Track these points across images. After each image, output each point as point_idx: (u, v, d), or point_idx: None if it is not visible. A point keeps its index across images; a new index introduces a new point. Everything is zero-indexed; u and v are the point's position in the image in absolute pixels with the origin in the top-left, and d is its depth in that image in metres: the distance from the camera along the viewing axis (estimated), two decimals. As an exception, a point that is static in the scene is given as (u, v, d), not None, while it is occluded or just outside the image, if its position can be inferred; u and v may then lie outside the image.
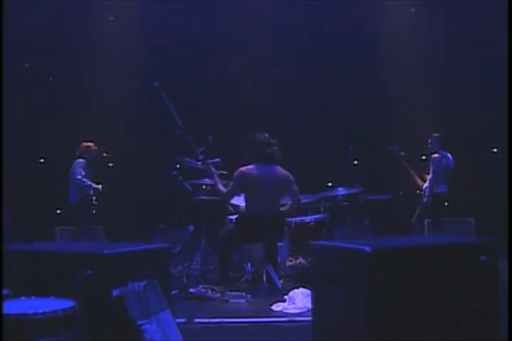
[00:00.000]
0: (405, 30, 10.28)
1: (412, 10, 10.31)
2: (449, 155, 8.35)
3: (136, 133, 10.23)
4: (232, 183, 6.80)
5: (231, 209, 7.41)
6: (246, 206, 6.89)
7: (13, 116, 8.81)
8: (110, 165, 9.94)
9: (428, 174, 8.31)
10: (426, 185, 8.31)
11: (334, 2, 9.96)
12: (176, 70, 10.22)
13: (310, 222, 7.75)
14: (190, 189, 7.56)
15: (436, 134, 8.41)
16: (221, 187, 6.91)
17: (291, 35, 10.23)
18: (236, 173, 6.77)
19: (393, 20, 10.31)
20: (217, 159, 7.32)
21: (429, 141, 8.41)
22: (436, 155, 8.27)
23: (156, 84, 7.30)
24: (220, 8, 10.10)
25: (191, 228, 7.87)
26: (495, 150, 10.12)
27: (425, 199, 8.25)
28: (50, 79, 10.26)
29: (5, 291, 3.74)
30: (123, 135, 10.02)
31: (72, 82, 10.13)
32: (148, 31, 10.23)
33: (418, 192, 8.45)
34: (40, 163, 10.05)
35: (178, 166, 8.65)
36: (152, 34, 10.23)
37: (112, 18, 10.22)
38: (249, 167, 6.80)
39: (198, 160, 7.28)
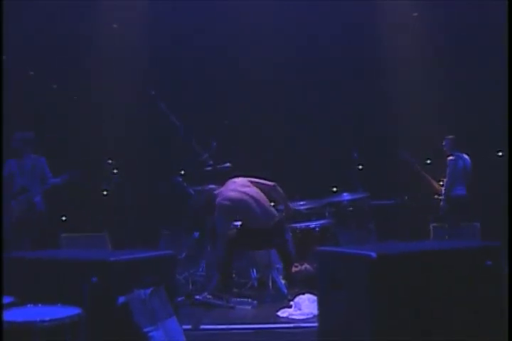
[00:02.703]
0: (407, 34, 10.27)
1: (415, 14, 10.29)
2: (466, 156, 8.30)
3: (141, 140, 10.23)
4: (219, 220, 6.72)
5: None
6: (245, 221, 6.89)
7: (15, 123, 8.82)
8: (114, 171, 9.94)
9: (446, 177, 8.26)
10: (443, 188, 8.25)
11: (335, 2, 9.95)
12: (179, 75, 10.23)
13: (315, 227, 7.75)
14: (194, 195, 7.57)
15: (450, 136, 8.36)
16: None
17: (292, 36, 10.21)
18: (216, 210, 6.70)
19: (394, 23, 10.29)
20: (228, 164, 7.33)
21: (444, 143, 8.36)
22: (451, 157, 8.22)
23: (153, 92, 7.32)
24: (222, 11, 10.09)
25: (196, 234, 7.87)
26: (500, 153, 10.09)
27: (442, 203, 8.18)
28: (54, 86, 10.27)
29: (11, 299, 3.75)
30: (127, 141, 10.03)
31: (76, 89, 10.13)
32: (151, 36, 10.23)
33: (436, 196, 8.39)
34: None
35: (182, 172, 8.67)
36: (155, 40, 10.24)
37: (115, 26, 10.24)
38: (223, 196, 6.75)
39: (208, 166, 7.29)
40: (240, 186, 6.86)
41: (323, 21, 10.11)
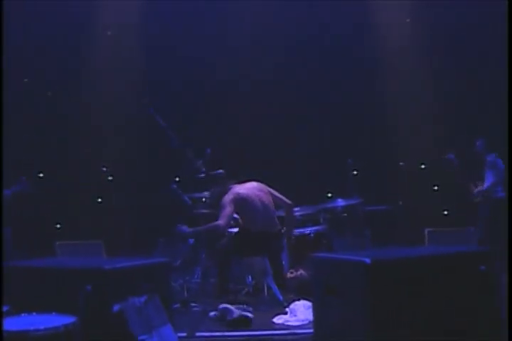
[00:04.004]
0: (403, 41, 10.29)
1: (408, 20, 10.31)
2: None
3: (136, 147, 10.23)
4: (224, 207, 6.63)
5: (231, 222, 7.39)
6: (245, 223, 6.89)
7: (11, 130, 8.82)
8: (110, 178, 9.94)
9: (480, 180, 8.25)
10: (479, 189, 8.23)
11: (331, 12, 9.97)
12: (174, 82, 10.23)
13: (310, 233, 7.76)
14: (189, 202, 7.57)
15: (481, 138, 8.36)
16: (213, 224, 6.62)
17: (289, 47, 10.24)
18: (225, 198, 6.69)
19: (388, 31, 10.31)
20: (221, 170, 7.33)
21: (477, 143, 8.35)
22: (491, 158, 8.22)
23: (152, 111, 7.33)
24: (220, 20, 10.12)
25: (191, 241, 7.87)
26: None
27: (480, 205, 8.16)
28: (49, 93, 10.27)
29: (6, 308, 3.74)
30: (122, 148, 10.02)
31: (71, 96, 10.13)
32: (147, 43, 10.25)
33: (475, 199, 8.36)
34: (39, 177, 10.04)
35: (177, 179, 8.67)
36: (151, 46, 10.25)
37: (109, 33, 10.25)
38: (234, 190, 6.78)
39: (201, 173, 7.29)
40: (255, 189, 6.90)
41: (321, 33, 10.13)
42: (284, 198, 7.05)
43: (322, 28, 10.12)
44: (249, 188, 6.87)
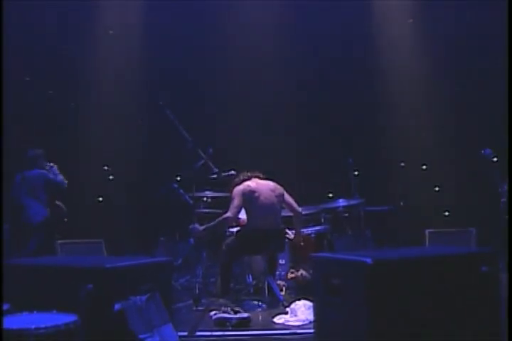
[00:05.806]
0: (404, 42, 10.29)
1: (410, 21, 10.30)
2: None
3: (137, 146, 10.23)
4: (233, 199, 6.74)
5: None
6: (248, 219, 6.90)
7: (13, 129, 8.82)
8: (111, 177, 9.94)
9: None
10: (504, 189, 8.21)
11: (332, 14, 9.98)
12: (175, 81, 10.23)
13: (311, 233, 7.76)
14: (191, 201, 7.58)
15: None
16: (222, 217, 6.73)
17: (291, 47, 10.24)
18: (235, 189, 6.80)
19: (389, 31, 10.31)
20: (233, 171, 7.34)
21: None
22: None
23: (161, 103, 7.34)
24: (222, 20, 10.11)
25: (192, 241, 7.88)
26: (495, 159, 10.08)
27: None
28: (50, 92, 10.26)
29: (6, 306, 3.74)
30: (124, 147, 10.02)
31: (73, 94, 10.13)
32: (149, 43, 10.24)
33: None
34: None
35: (178, 179, 8.68)
36: (152, 46, 10.25)
37: (111, 32, 10.24)
38: (246, 183, 6.87)
39: (213, 173, 7.32)
40: (268, 188, 6.92)
41: (321, 33, 10.12)
42: (295, 205, 7.06)
43: (322, 28, 10.11)
44: (261, 184, 6.91)
